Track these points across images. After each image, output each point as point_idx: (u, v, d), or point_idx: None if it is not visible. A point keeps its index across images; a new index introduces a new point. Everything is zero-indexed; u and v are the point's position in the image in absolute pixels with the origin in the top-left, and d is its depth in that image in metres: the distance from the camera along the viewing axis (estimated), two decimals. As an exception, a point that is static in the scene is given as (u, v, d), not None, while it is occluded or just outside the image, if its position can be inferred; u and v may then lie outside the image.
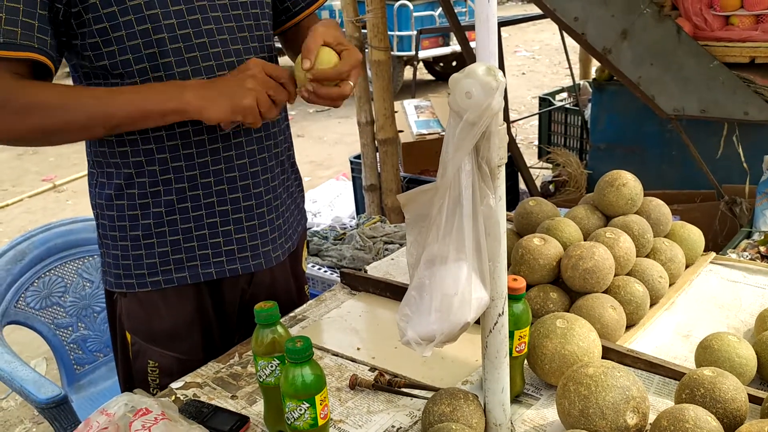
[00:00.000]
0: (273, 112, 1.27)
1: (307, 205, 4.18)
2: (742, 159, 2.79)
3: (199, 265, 1.42)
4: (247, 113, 1.24)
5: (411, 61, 8.49)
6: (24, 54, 1.18)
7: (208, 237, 1.41)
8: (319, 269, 2.99)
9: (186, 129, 1.33)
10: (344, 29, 3.51)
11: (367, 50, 3.45)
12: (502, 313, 1.05)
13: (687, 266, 1.65)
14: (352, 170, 4.06)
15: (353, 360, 1.41)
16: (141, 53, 1.26)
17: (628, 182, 1.60)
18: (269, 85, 1.25)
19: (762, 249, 2.18)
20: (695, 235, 1.67)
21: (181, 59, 1.29)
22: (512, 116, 6.18)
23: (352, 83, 1.31)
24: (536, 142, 5.42)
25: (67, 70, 1.37)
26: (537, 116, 5.21)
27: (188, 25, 1.29)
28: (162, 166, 1.35)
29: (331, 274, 2.92)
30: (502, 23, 4.48)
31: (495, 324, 1.05)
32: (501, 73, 0.92)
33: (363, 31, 3.45)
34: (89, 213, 1.75)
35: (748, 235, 2.38)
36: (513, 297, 1.15)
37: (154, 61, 1.27)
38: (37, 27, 1.18)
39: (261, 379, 1.16)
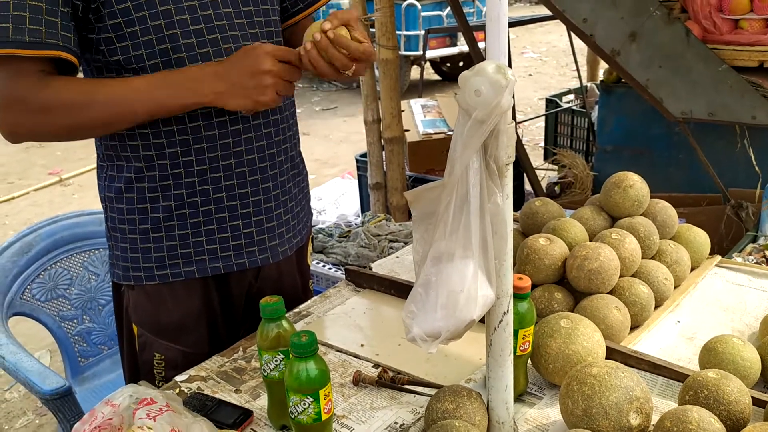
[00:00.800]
0: (290, 91, 1.32)
1: (312, 203, 4.17)
2: (753, 162, 2.78)
3: (207, 259, 1.43)
4: (269, 105, 1.29)
5: (418, 60, 8.50)
6: (50, 53, 1.20)
7: (216, 231, 1.42)
8: (324, 266, 2.99)
9: (197, 124, 1.34)
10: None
11: (374, 49, 3.46)
12: (507, 311, 1.05)
13: (692, 269, 1.65)
14: (358, 168, 4.06)
15: (357, 356, 1.42)
16: (154, 48, 1.27)
17: (634, 184, 1.60)
18: (285, 73, 1.28)
19: (767, 253, 2.18)
20: (701, 237, 1.67)
21: (194, 54, 1.30)
22: (519, 117, 6.18)
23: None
24: (542, 144, 5.41)
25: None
26: (543, 118, 5.20)
27: (200, 21, 1.30)
28: (173, 160, 1.36)
29: (336, 271, 2.93)
30: (510, 24, 4.46)
31: (500, 322, 1.05)
32: (511, 71, 0.92)
33: (371, 30, 3.45)
34: (95, 206, 1.76)
35: (754, 240, 2.38)
36: (518, 296, 1.15)
37: (167, 57, 1.28)
38: (61, 24, 1.20)
39: (265, 373, 1.16)
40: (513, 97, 0.93)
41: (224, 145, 1.37)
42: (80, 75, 1.33)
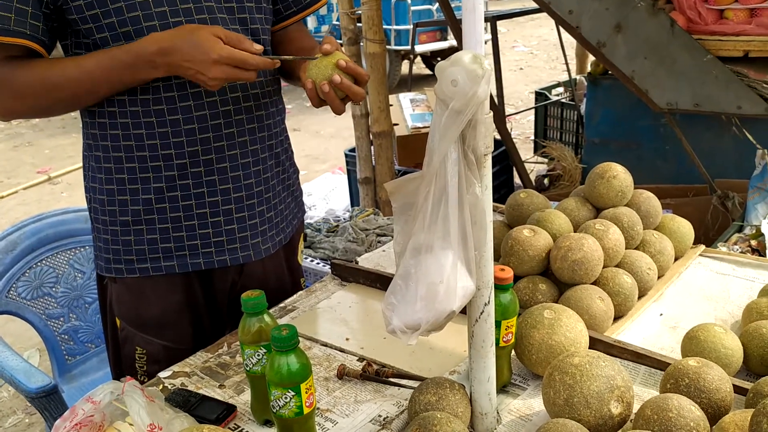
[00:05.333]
0: (248, 78, 1.26)
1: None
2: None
3: (187, 254, 1.42)
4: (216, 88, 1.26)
5: (408, 55, 8.49)
6: (16, 40, 1.21)
7: (197, 227, 1.41)
8: (312, 261, 2.98)
9: (176, 117, 1.33)
10: (339, 22, 3.51)
11: (362, 43, 3.45)
12: (488, 302, 1.05)
13: (676, 259, 1.66)
14: (347, 163, 4.05)
15: (342, 350, 1.41)
16: (116, 31, 1.27)
17: (618, 174, 1.60)
18: (235, 61, 1.22)
19: (753, 243, 2.19)
20: (685, 227, 1.68)
21: None
22: (509, 111, 6.18)
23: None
24: (533, 137, 5.42)
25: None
26: (534, 112, 5.20)
27: (164, 4, 1.28)
28: (152, 152, 1.35)
29: (324, 266, 2.92)
30: (499, 17, 4.46)
31: (481, 313, 1.05)
32: (487, 61, 0.91)
33: (358, 24, 3.44)
34: (84, 204, 1.75)
35: (740, 229, 2.39)
36: (500, 287, 1.15)
37: (129, 40, 1.27)
38: (31, 14, 1.22)
39: (248, 368, 1.15)
40: (503, 92, 0.93)
41: (204, 140, 1.36)
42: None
